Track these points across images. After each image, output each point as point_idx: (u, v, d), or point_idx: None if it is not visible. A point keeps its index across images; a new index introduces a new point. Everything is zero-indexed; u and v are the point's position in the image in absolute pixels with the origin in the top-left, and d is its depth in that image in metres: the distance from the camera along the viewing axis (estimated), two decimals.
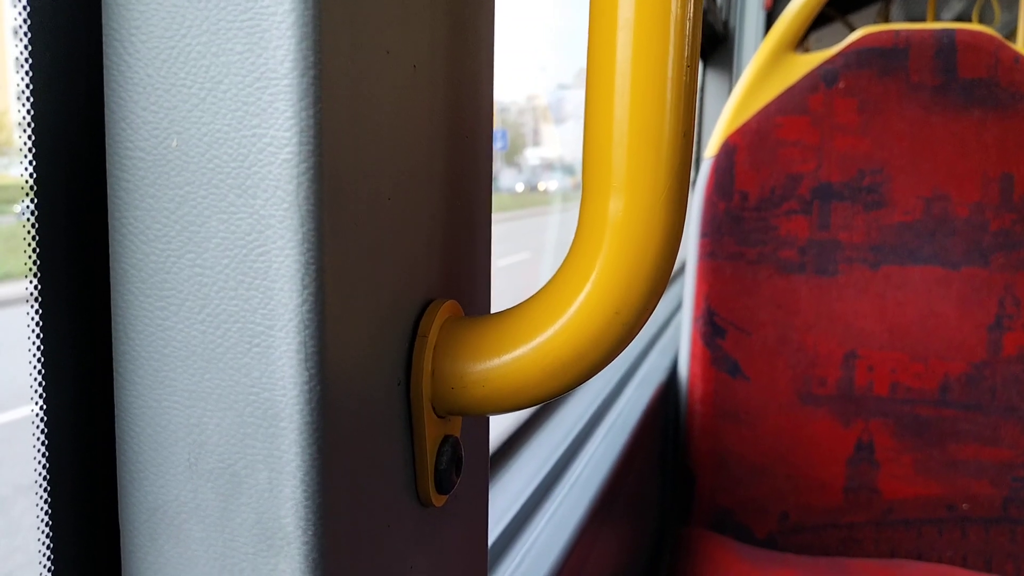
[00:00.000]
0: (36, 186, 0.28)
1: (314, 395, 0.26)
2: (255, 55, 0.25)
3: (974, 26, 1.25)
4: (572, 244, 0.32)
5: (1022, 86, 1.21)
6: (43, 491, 0.29)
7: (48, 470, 0.29)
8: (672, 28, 0.29)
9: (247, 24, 0.25)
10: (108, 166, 0.28)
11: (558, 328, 0.32)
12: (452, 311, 0.35)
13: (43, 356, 0.28)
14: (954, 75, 1.22)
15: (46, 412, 0.29)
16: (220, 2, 0.26)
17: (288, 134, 0.25)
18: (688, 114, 0.30)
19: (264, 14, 0.25)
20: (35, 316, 0.28)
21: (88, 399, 0.30)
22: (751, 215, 1.27)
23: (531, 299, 0.33)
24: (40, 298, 0.28)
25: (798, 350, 1.27)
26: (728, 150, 1.28)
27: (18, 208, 0.28)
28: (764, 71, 1.28)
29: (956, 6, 3.24)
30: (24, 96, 0.27)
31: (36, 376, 0.28)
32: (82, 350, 0.30)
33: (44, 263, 0.28)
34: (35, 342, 0.28)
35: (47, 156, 0.28)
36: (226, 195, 0.26)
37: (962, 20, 3.28)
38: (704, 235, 1.29)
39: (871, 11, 2.56)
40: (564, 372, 0.32)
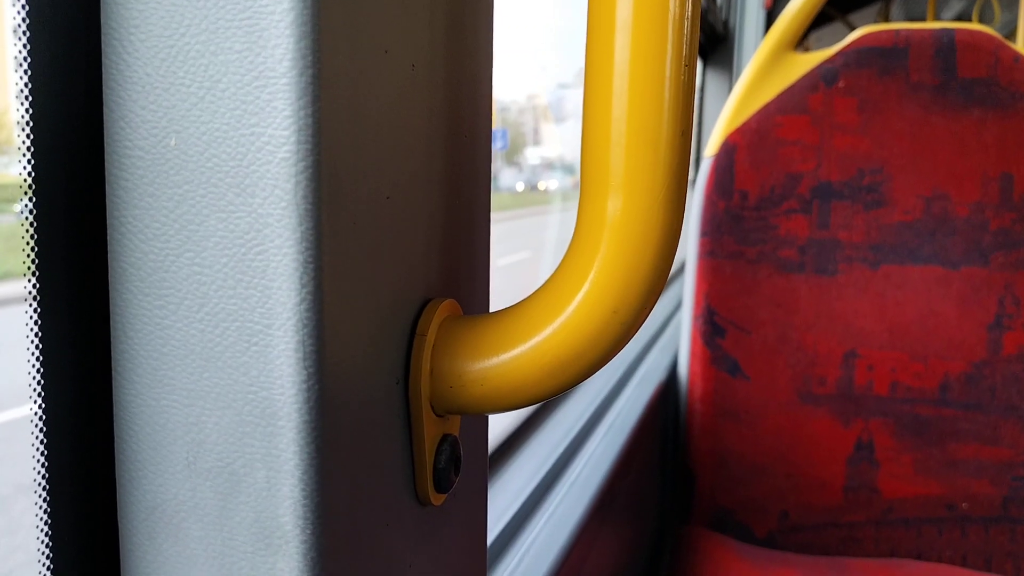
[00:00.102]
0: (35, 185, 0.28)
1: (312, 394, 0.26)
2: (253, 54, 0.25)
3: (974, 26, 1.25)
4: (570, 243, 0.32)
5: (1022, 86, 1.21)
6: (42, 490, 0.29)
7: (47, 469, 0.29)
8: (670, 28, 0.29)
9: (246, 23, 0.25)
10: (107, 165, 0.28)
11: (556, 327, 0.32)
12: (451, 310, 0.35)
13: (42, 355, 0.28)
14: (954, 75, 1.22)
15: (45, 411, 0.29)
16: (219, 1, 0.26)
17: (286, 133, 0.25)
18: (686, 113, 0.30)
19: (263, 13, 0.25)
20: (34, 315, 0.28)
21: (87, 398, 0.30)
22: (751, 214, 1.27)
23: (529, 298, 0.33)
24: (39, 297, 0.28)
25: (798, 349, 1.27)
26: (728, 149, 1.28)
27: (18, 207, 0.28)
28: (764, 70, 1.28)
29: (956, 6, 3.24)
30: (23, 95, 0.27)
31: (35, 375, 0.28)
32: (81, 349, 0.30)
33: (43, 262, 0.28)
34: (34, 341, 0.28)
35: (46, 155, 0.28)
36: (225, 194, 0.26)
37: (962, 20, 3.28)
38: (704, 234, 1.29)
39: (871, 11, 2.56)
40: (562, 371, 0.32)
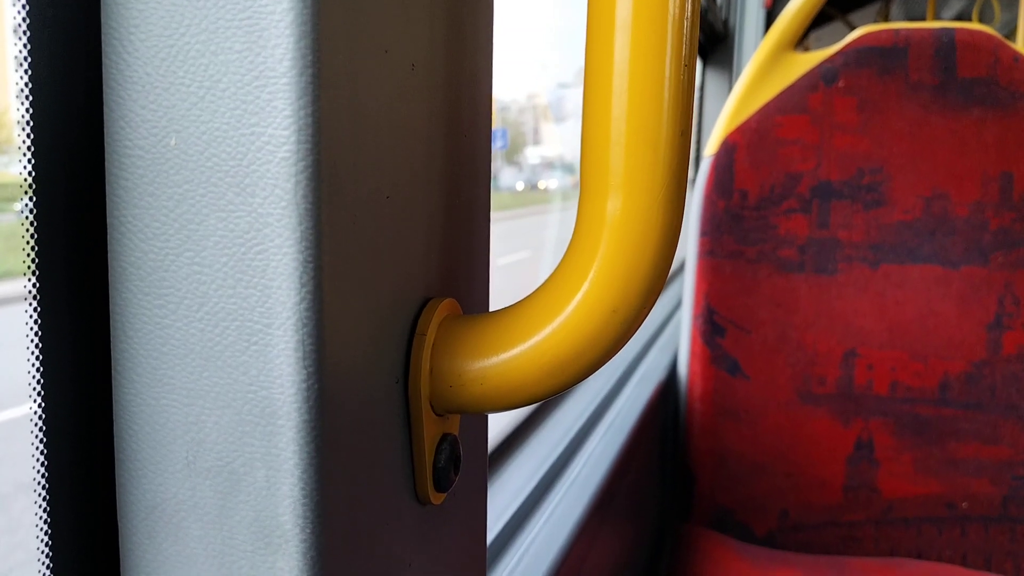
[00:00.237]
0: (35, 184, 0.28)
1: (312, 393, 0.26)
2: (253, 53, 0.25)
3: (974, 25, 1.25)
4: (570, 242, 0.32)
5: (1021, 85, 1.21)
6: (42, 489, 0.29)
7: (47, 468, 0.29)
8: (669, 27, 0.29)
9: (246, 23, 0.25)
10: (107, 164, 0.28)
11: (556, 326, 0.32)
12: (450, 309, 0.35)
13: (42, 354, 0.28)
14: (953, 74, 1.22)
15: (45, 410, 0.29)
16: (219, 1, 0.26)
17: (286, 132, 0.25)
18: (686, 113, 0.30)
19: (263, 13, 0.25)
20: (34, 314, 0.28)
21: (87, 397, 0.30)
22: (751, 214, 1.27)
23: (529, 297, 0.33)
24: (39, 296, 0.28)
25: (798, 349, 1.27)
26: (728, 149, 1.28)
27: (18, 206, 0.28)
28: (764, 70, 1.28)
29: (956, 5, 3.24)
30: (23, 94, 0.27)
31: (35, 374, 0.29)
32: (81, 348, 0.30)
33: (43, 261, 0.28)
34: (34, 340, 0.28)
35: (46, 154, 0.28)
36: (224, 193, 0.26)
37: (962, 19, 3.27)
38: (704, 233, 1.29)
39: (871, 10, 2.56)
40: (562, 370, 0.32)
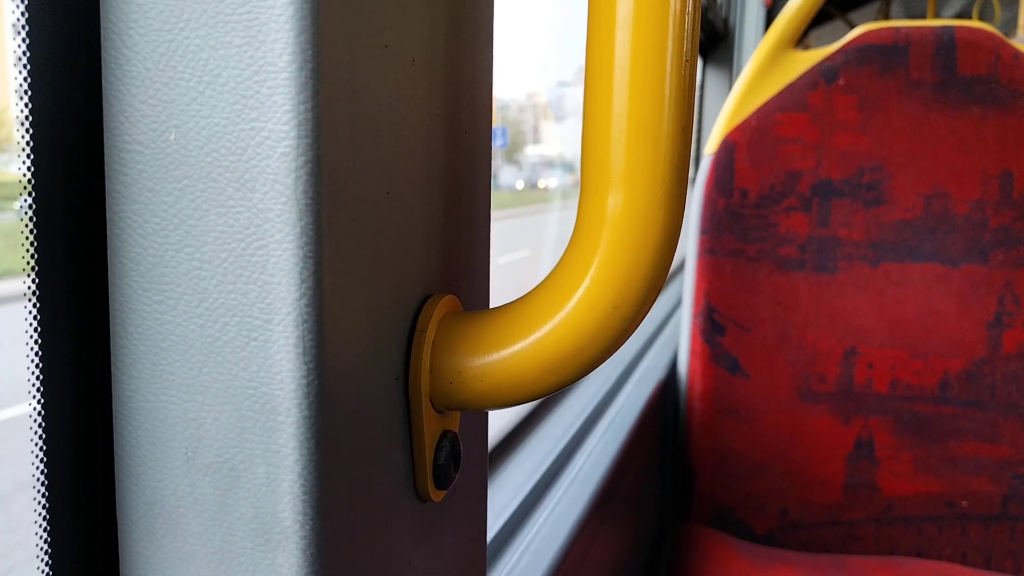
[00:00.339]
0: (34, 180, 0.28)
1: (312, 389, 0.26)
2: (253, 48, 0.25)
3: (974, 23, 1.25)
4: (571, 239, 0.32)
5: (1022, 83, 1.21)
6: (41, 485, 0.29)
7: (46, 464, 0.29)
8: (671, 23, 0.29)
9: (245, 17, 0.25)
10: (106, 160, 0.27)
11: (557, 323, 0.32)
12: (451, 306, 0.35)
13: (41, 350, 0.28)
14: (954, 72, 1.22)
15: (44, 407, 0.29)
16: None
17: (286, 128, 0.25)
18: (687, 109, 0.30)
19: (262, 7, 0.25)
20: (33, 310, 0.28)
21: (86, 393, 0.30)
22: (751, 212, 1.27)
23: (530, 294, 0.33)
24: (38, 292, 0.28)
25: (798, 347, 1.27)
26: (728, 147, 1.28)
27: (18, 205, 0.28)
28: (764, 68, 1.28)
29: (956, 4, 3.24)
30: (22, 90, 0.27)
31: (34, 370, 0.28)
32: (80, 344, 0.30)
33: (42, 257, 0.28)
34: (33, 336, 0.28)
35: (45, 150, 0.28)
36: (224, 189, 0.26)
37: (962, 18, 3.27)
38: (704, 232, 1.29)
39: (871, 8, 2.56)
40: (563, 367, 0.32)
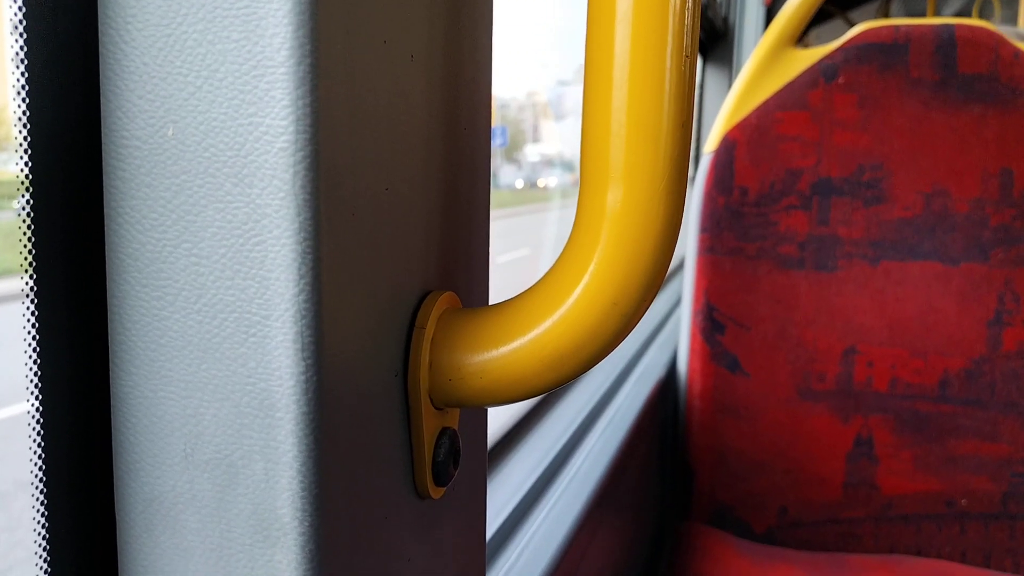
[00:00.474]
0: (32, 176, 0.27)
1: (311, 386, 0.26)
2: (251, 42, 0.25)
3: (974, 22, 1.25)
4: (570, 235, 0.32)
5: (1022, 81, 1.21)
6: (40, 482, 0.29)
7: (45, 461, 0.29)
8: (671, 18, 0.29)
9: (243, 12, 0.25)
10: (104, 155, 0.27)
11: (556, 319, 0.32)
12: (450, 302, 0.35)
13: (39, 347, 0.28)
14: (954, 71, 1.22)
15: (43, 404, 0.29)
16: None
17: (284, 123, 0.25)
18: (686, 104, 0.30)
19: (260, 2, 0.25)
20: (31, 306, 0.28)
21: (85, 390, 0.30)
22: (750, 210, 1.27)
23: (529, 290, 0.33)
24: (36, 288, 0.28)
25: (797, 345, 1.27)
26: (728, 145, 1.27)
27: (17, 204, 0.28)
28: (764, 66, 1.28)
29: (956, 2, 3.24)
30: (20, 86, 0.27)
31: (33, 368, 0.28)
32: (78, 341, 0.30)
33: (40, 254, 0.28)
34: (31, 332, 0.28)
35: (43, 146, 0.28)
36: (222, 184, 0.26)
37: (962, 16, 3.27)
38: (703, 230, 1.29)
39: (871, 7, 2.56)
40: (562, 363, 0.32)
